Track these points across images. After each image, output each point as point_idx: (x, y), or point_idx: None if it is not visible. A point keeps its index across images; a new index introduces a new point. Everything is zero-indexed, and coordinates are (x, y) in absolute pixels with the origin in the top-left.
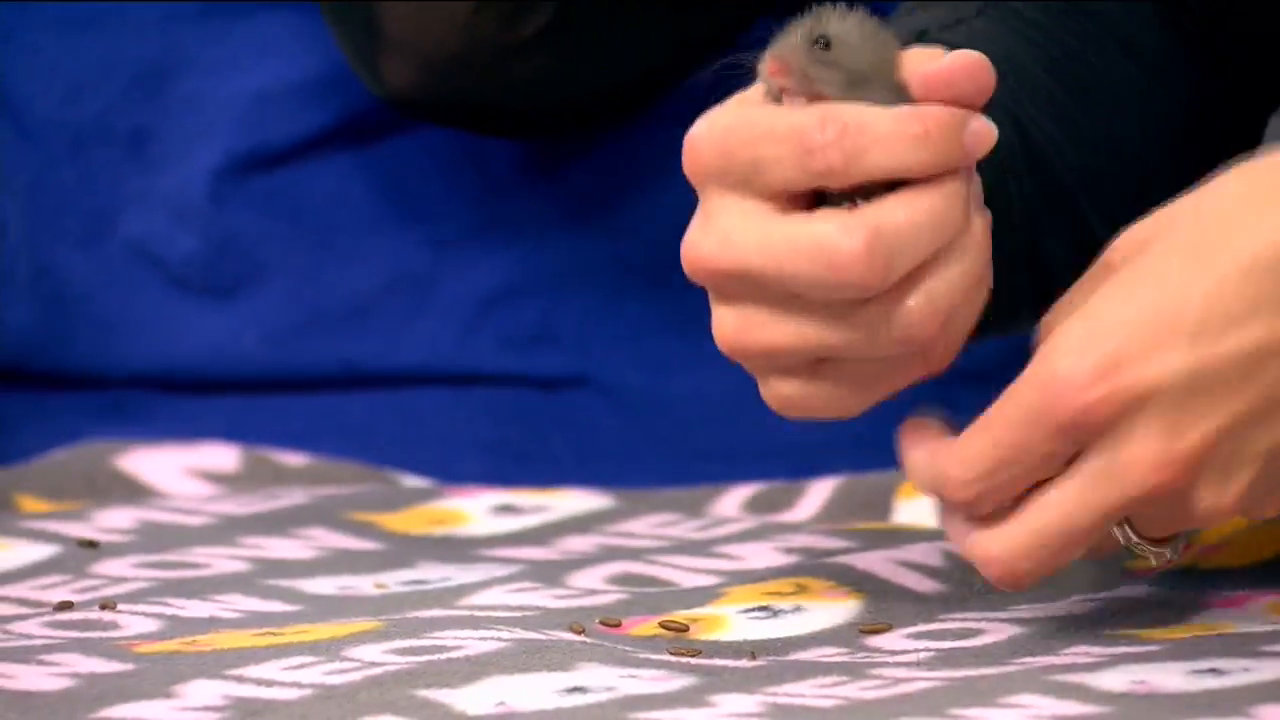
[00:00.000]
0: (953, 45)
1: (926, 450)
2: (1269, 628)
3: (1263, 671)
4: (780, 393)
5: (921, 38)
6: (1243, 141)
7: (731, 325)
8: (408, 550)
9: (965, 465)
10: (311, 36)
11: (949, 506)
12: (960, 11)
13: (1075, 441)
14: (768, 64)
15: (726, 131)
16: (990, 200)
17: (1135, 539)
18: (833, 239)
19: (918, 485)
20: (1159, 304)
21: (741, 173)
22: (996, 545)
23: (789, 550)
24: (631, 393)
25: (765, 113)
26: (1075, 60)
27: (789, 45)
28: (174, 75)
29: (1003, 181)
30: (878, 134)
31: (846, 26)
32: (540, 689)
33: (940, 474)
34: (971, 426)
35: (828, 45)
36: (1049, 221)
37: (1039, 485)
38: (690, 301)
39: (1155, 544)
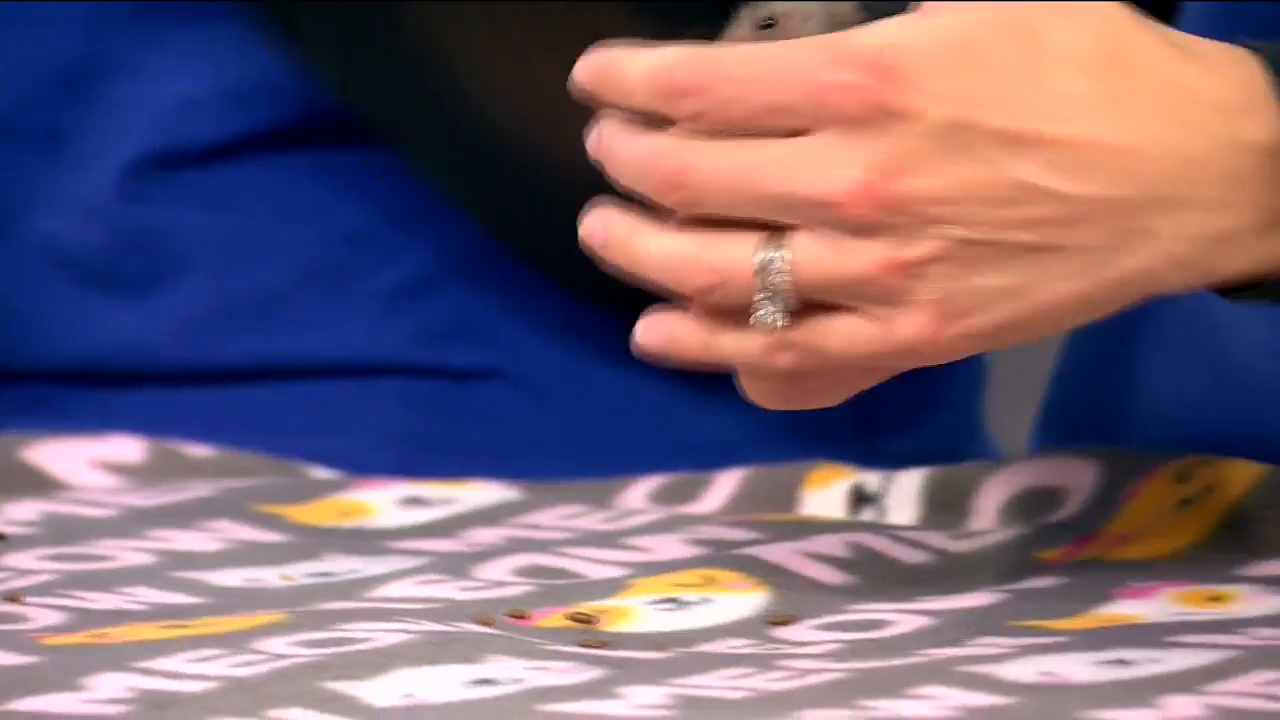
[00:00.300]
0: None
1: None
2: (1176, 618)
3: (1170, 662)
4: (761, 389)
5: None
6: None
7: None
8: (314, 542)
9: (731, 54)
10: (242, 45)
11: (665, 87)
12: None
13: (811, 113)
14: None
15: None
16: None
17: (779, 278)
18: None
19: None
20: (976, 58)
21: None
22: (694, 141)
23: (697, 542)
24: (544, 385)
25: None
26: None
27: (736, 33)
28: (99, 77)
29: None
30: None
31: (796, 5)
32: (448, 681)
33: (695, 51)
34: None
35: (772, 25)
36: None
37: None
38: None
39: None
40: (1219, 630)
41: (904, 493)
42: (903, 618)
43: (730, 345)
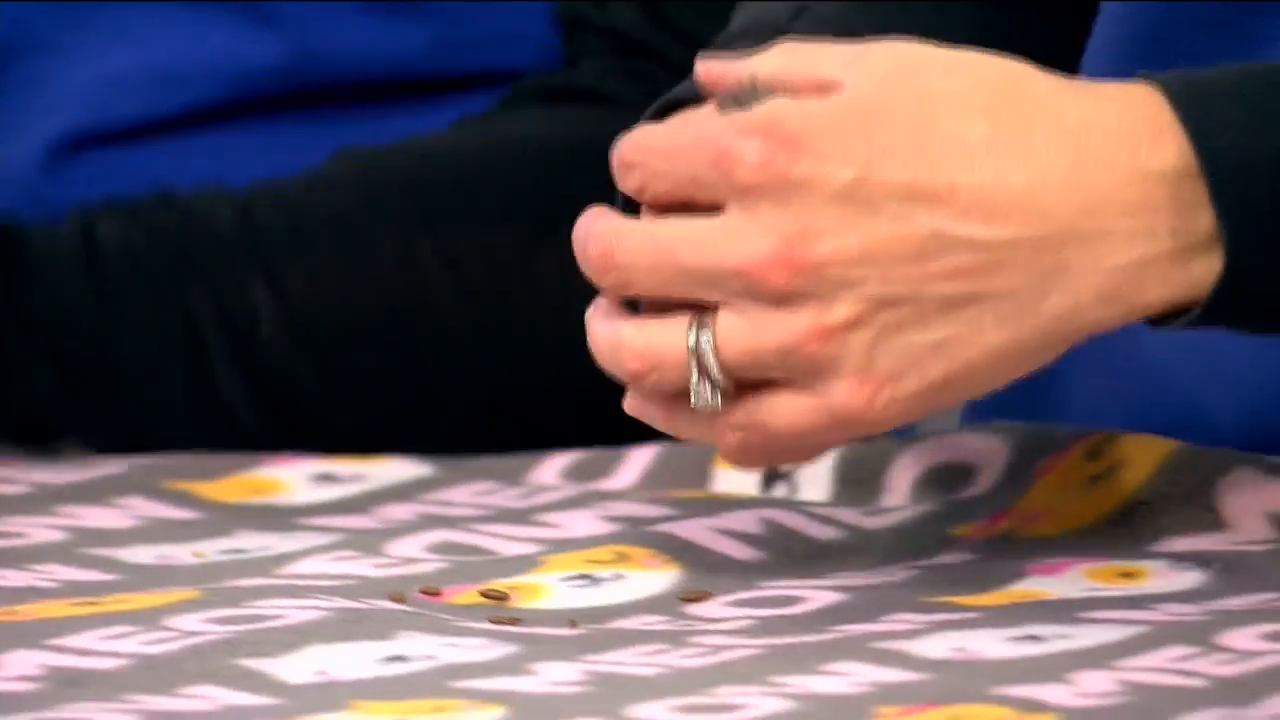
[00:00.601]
0: (831, 15)
1: None
2: (1087, 594)
3: (1081, 638)
4: (730, 457)
5: (802, 12)
6: None
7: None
8: (226, 519)
9: (660, 129)
10: (168, 27)
11: (615, 165)
12: None
13: (716, 183)
14: None
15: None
16: None
17: (709, 359)
18: None
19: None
20: (870, 114)
21: None
22: (623, 225)
23: (609, 518)
24: None
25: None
26: (952, 23)
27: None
28: (24, 55)
29: None
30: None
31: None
32: (360, 658)
33: (639, 128)
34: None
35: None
36: None
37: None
38: None
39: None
40: (1130, 606)
41: (816, 469)
42: (815, 594)
43: (684, 425)
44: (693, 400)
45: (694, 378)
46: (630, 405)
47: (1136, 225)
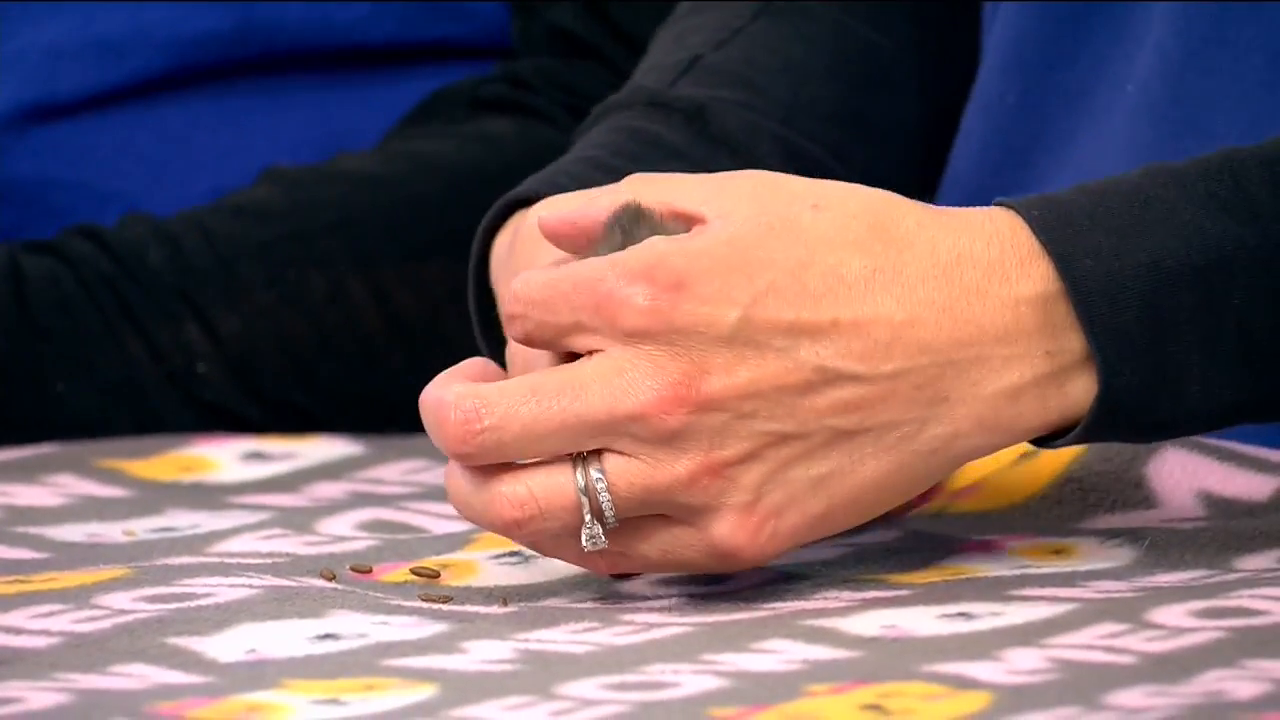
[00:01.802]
0: (723, 67)
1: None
2: (1018, 572)
3: (1012, 615)
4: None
5: (694, 64)
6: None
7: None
8: (157, 497)
9: (540, 277)
10: None
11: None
12: (737, 17)
13: (599, 328)
14: None
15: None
16: None
17: (602, 499)
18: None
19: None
20: (751, 256)
21: None
22: (487, 389)
23: None
24: None
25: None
26: (861, 49)
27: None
28: None
29: None
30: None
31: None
32: (291, 636)
33: (520, 277)
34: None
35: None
36: None
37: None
38: None
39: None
40: (1060, 583)
41: None
42: (745, 572)
43: (551, 550)
44: (584, 541)
45: (587, 519)
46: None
47: (1011, 351)
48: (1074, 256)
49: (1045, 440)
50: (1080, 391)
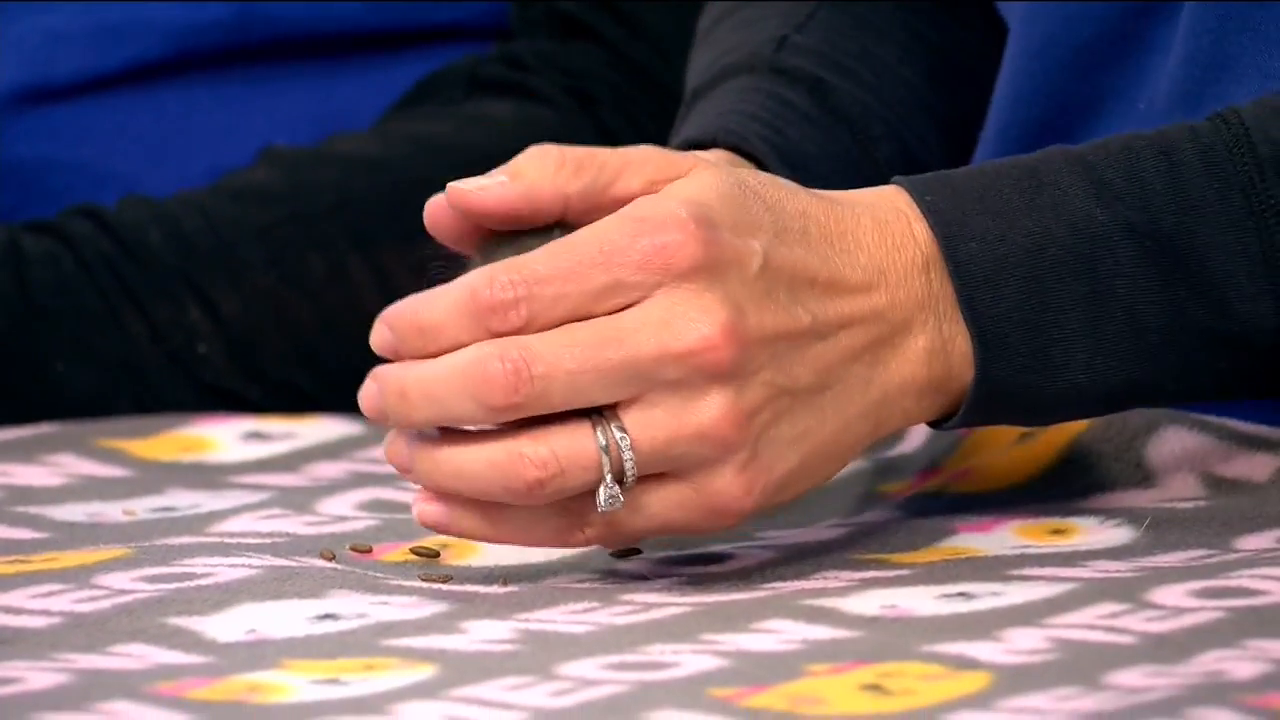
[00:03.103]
0: (812, 48)
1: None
2: (1018, 551)
3: (1011, 595)
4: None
5: (784, 44)
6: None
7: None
8: (157, 477)
9: (542, 256)
10: None
11: (481, 310)
12: (803, 5)
13: (646, 280)
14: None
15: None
16: None
17: (625, 454)
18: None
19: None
20: (745, 205)
21: None
22: (530, 340)
23: None
24: None
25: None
26: (923, 43)
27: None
28: None
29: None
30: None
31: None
32: (291, 616)
33: (501, 265)
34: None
35: None
36: None
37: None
38: None
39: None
40: (1060, 563)
41: None
42: (745, 551)
43: (525, 535)
44: (602, 500)
45: (607, 479)
46: (440, 519)
47: (922, 316)
48: (958, 238)
49: (937, 423)
50: (966, 364)
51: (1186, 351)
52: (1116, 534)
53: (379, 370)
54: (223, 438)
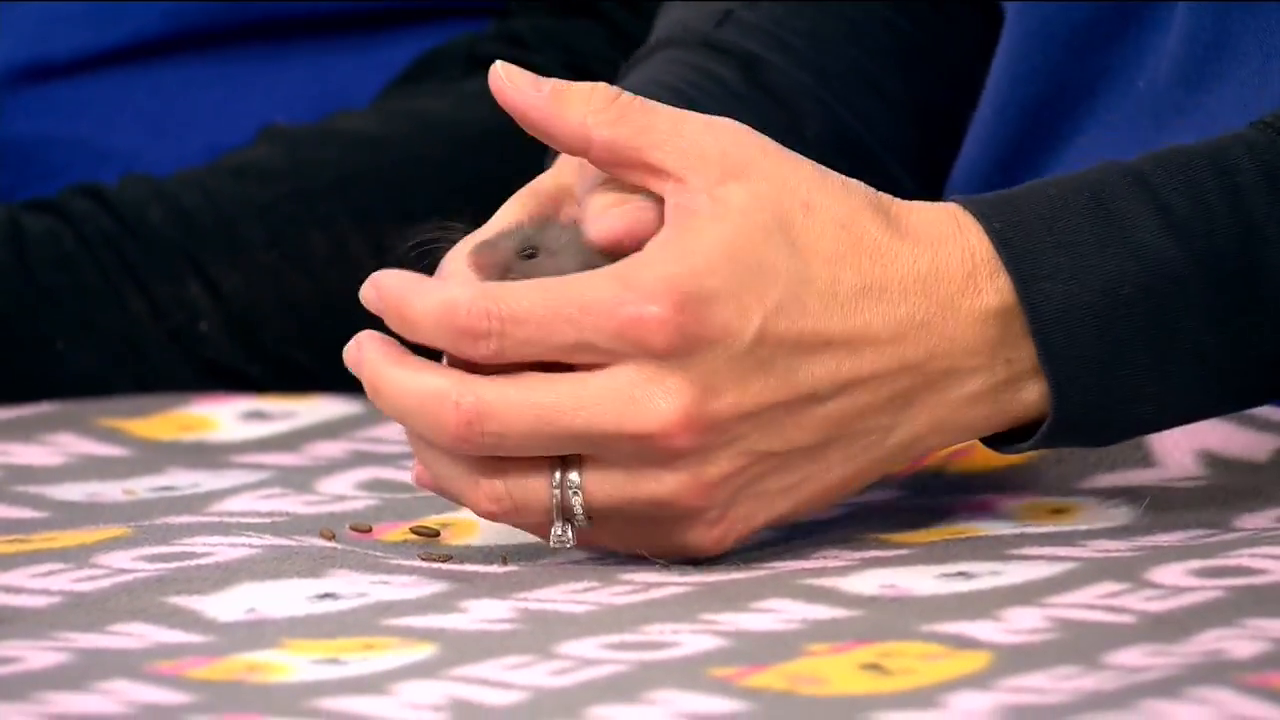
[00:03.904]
0: (755, 23)
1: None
2: (1017, 531)
3: (1011, 575)
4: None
5: (728, 17)
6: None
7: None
8: (157, 456)
9: (522, 295)
10: None
11: (454, 330)
12: None
13: (617, 349)
14: (471, 259)
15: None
16: None
17: (575, 507)
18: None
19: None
20: (755, 267)
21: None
22: (487, 390)
23: None
24: None
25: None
26: (877, 22)
27: (496, 246)
28: None
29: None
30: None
31: (556, 237)
32: (291, 595)
33: (483, 291)
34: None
35: (533, 255)
36: None
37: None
38: None
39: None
40: (1059, 543)
41: None
42: None
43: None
44: (550, 540)
45: (556, 522)
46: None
47: (977, 362)
48: (1033, 277)
49: (996, 440)
50: (1033, 396)
51: (1250, 377)
52: (1116, 513)
53: (364, 345)
54: (222, 417)
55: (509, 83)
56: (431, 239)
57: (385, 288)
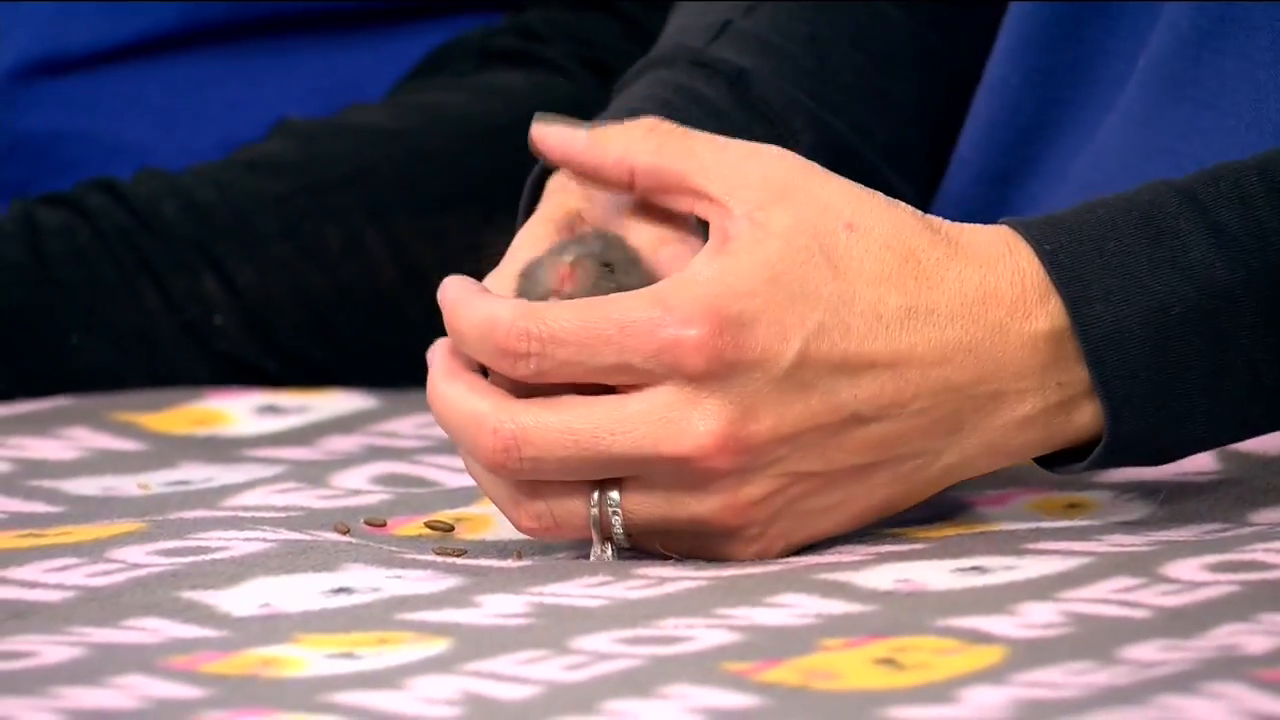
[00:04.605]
0: (753, 34)
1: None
2: (1032, 525)
3: (1026, 569)
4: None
5: (725, 29)
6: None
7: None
8: (171, 450)
9: (562, 316)
10: None
11: (495, 348)
12: None
13: (655, 370)
14: (561, 269)
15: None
16: None
17: (615, 528)
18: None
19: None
20: (797, 290)
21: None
22: (525, 416)
23: None
24: None
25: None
26: (881, 23)
27: (584, 255)
28: None
29: None
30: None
31: (625, 256)
32: (305, 590)
33: (525, 311)
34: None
35: (613, 270)
36: None
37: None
38: None
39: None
40: (1074, 537)
41: None
42: None
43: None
44: (592, 557)
45: (596, 542)
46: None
47: (1026, 385)
48: (1084, 300)
49: (1048, 462)
50: (1086, 418)
51: None
52: (1131, 508)
53: (432, 352)
54: (237, 411)
55: (548, 134)
56: (490, 247)
57: (445, 293)
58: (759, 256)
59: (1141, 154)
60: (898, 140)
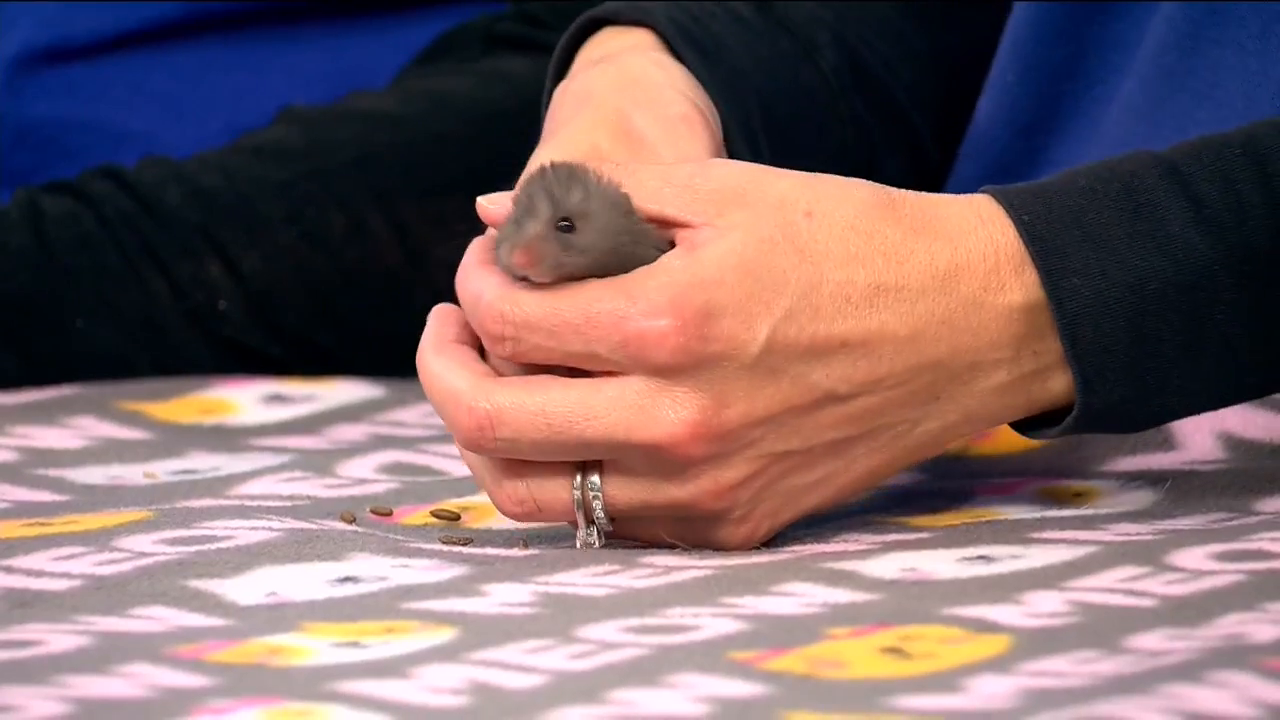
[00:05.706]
0: None
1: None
2: (1038, 514)
3: (1031, 558)
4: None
5: None
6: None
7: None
8: (177, 439)
9: (534, 303)
10: None
11: (479, 326)
12: None
13: (623, 361)
14: (516, 256)
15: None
16: (822, 121)
17: (597, 511)
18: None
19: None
20: (765, 277)
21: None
22: (500, 396)
23: None
24: None
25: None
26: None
27: (535, 235)
28: None
29: (833, 103)
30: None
31: (583, 199)
32: (312, 579)
33: (502, 295)
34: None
35: (571, 227)
36: (884, 140)
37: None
38: None
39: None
40: (1080, 526)
41: None
42: None
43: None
44: (577, 542)
45: (580, 525)
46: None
47: (1002, 355)
48: (1061, 273)
49: (1025, 427)
50: (1061, 386)
51: (1275, 369)
52: (1137, 497)
53: (427, 328)
54: (243, 400)
55: (490, 206)
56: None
57: (462, 264)
58: (723, 248)
59: (1142, 145)
60: (916, 85)
